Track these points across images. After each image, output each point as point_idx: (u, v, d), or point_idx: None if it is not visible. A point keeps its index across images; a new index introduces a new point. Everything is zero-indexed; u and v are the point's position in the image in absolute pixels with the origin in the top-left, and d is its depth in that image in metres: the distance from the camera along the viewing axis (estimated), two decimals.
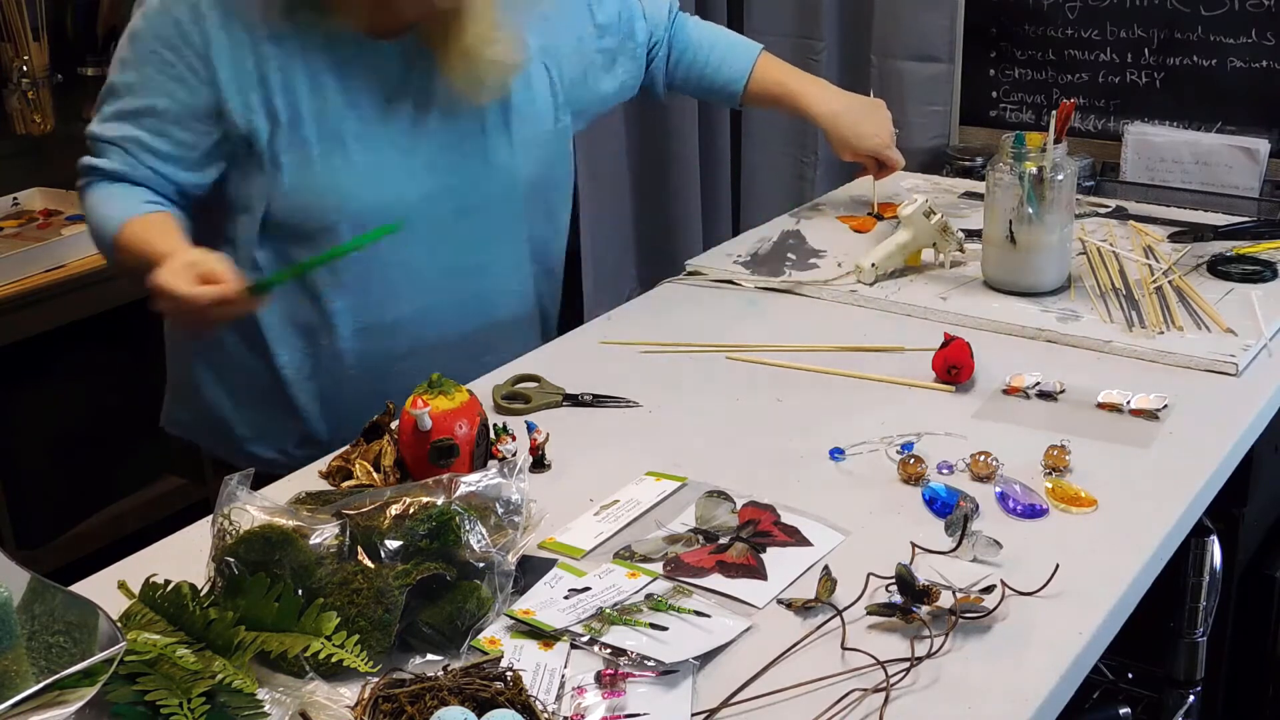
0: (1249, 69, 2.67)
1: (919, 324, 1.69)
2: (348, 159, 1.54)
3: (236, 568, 1.09)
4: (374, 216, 1.51)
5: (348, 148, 1.54)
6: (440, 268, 1.63)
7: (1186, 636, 1.67)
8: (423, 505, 1.15)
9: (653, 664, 1.05)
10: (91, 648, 0.94)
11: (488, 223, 1.65)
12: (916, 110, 2.99)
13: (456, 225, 1.62)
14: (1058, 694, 1.05)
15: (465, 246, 1.64)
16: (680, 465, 1.37)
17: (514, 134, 1.64)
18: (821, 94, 1.96)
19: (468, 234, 1.63)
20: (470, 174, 1.62)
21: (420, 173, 1.58)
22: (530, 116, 1.66)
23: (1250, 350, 1.57)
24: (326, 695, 1.00)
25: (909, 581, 1.11)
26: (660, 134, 3.02)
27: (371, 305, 1.61)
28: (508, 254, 1.70)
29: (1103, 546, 1.21)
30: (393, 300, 1.62)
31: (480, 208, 1.64)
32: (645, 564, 1.20)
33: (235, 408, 1.70)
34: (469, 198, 1.62)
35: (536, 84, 1.67)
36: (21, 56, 2.54)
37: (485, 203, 1.64)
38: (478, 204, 1.63)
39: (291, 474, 1.40)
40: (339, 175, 1.53)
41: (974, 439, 1.39)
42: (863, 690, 1.03)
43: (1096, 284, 1.77)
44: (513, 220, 1.68)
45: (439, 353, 1.63)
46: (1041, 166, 1.69)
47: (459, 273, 1.65)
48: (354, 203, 1.54)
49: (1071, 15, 2.82)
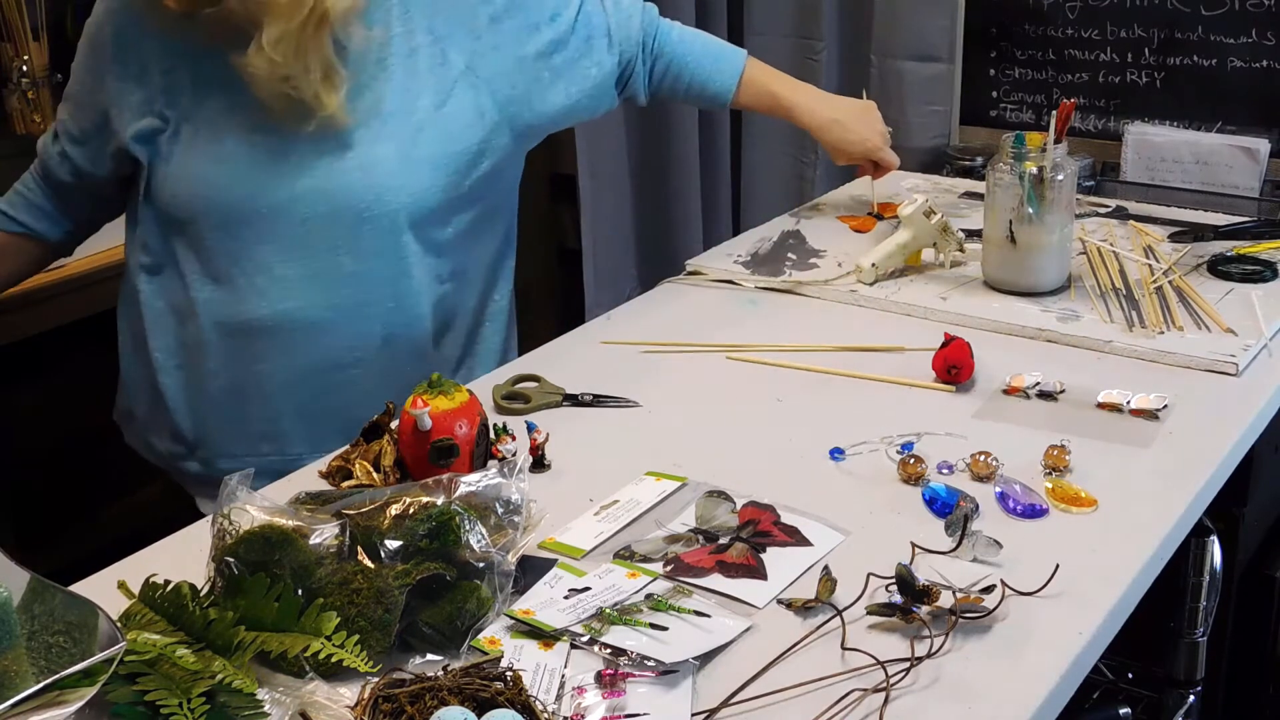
0: (1249, 69, 2.66)
1: (919, 324, 1.69)
2: (219, 155, 1.58)
3: (236, 568, 1.09)
4: (236, 211, 1.58)
5: (223, 144, 1.58)
6: (305, 273, 1.59)
7: (1186, 636, 1.67)
8: (423, 505, 1.15)
9: (653, 664, 1.05)
10: (91, 648, 0.94)
11: (363, 234, 1.59)
12: (916, 110, 2.99)
13: (326, 230, 1.58)
14: (1058, 694, 1.05)
15: (333, 253, 1.60)
16: (680, 465, 1.37)
17: (411, 148, 1.60)
18: (810, 103, 1.96)
19: (338, 242, 1.59)
20: (346, 183, 1.57)
21: (290, 175, 1.57)
22: (440, 135, 1.62)
23: (1250, 350, 1.57)
24: (326, 695, 1.00)
25: (909, 581, 1.11)
26: (660, 134, 3.02)
27: (232, 300, 1.61)
28: (388, 268, 1.62)
29: (1103, 546, 1.21)
30: (254, 298, 1.60)
31: (355, 217, 1.58)
32: (645, 564, 1.20)
33: (134, 394, 1.76)
34: (340, 204, 1.58)
35: (454, 102, 1.63)
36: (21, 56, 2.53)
37: (361, 213, 1.58)
38: (352, 212, 1.58)
39: (291, 474, 1.40)
40: (208, 170, 1.59)
41: (974, 439, 1.39)
42: (863, 690, 1.03)
43: (1096, 284, 1.77)
44: (395, 234, 1.61)
45: (299, 358, 1.61)
46: (1041, 166, 1.69)
47: (326, 280, 1.60)
48: (220, 195, 1.58)
49: (1071, 15, 2.82)
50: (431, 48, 1.62)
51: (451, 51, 1.63)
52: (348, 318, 1.62)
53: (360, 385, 1.64)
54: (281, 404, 1.64)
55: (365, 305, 1.62)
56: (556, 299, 3.35)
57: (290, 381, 1.63)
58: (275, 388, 1.63)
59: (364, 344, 1.63)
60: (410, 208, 1.60)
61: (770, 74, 1.95)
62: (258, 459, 1.62)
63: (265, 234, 1.58)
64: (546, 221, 3.37)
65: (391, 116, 1.60)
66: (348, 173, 1.58)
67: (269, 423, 1.65)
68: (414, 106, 1.61)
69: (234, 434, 1.67)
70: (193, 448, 1.70)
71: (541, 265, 3.31)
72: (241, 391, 1.64)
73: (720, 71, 1.90)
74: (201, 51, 1.57)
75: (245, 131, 1.57)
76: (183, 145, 1.60)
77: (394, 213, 1.59)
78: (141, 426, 1.77)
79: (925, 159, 2.92)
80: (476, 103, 1.65)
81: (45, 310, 2.39)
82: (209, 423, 1.67)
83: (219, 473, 1.67)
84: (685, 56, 1.88)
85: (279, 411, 1.64)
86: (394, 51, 1.60)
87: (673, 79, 1.88)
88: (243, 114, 1.57)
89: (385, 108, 1.59)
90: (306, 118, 1.54)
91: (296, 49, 1.50)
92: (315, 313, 1.60)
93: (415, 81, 1.61)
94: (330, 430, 1.57)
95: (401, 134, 1.60)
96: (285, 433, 1.65)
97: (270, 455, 1.64)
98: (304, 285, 1.60)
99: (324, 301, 1.60)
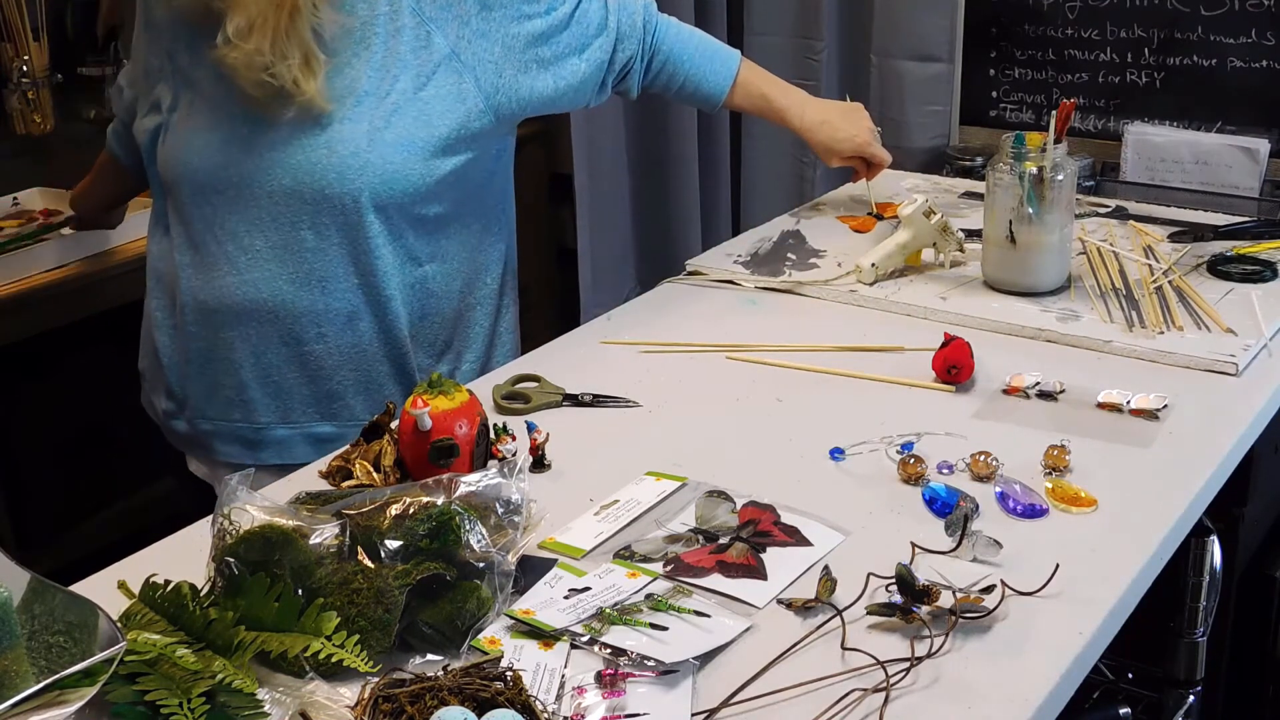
0: (1249, 69, 2.67)
1: (919, 324, 1.69)
2: (202, 123, 1.64)
3: (236, 568, 1.09)
4: (209, 178, 1.63)
5: (213, 114, 1.64)
6: (269, 245, 1.63)
7: (1186, 636, 1.67)
8: (423, 505, 1.15)
9: (653, 664, 1.05)
10: (91, 648, 0.94)
11: (323, 210, 1.61)
12: (916, 110, 2.99)
13: (288, 205, 1.61)
14: (1058, 694, 1.05)
15: (295, 228, 1.62)
16: (680, 465, 1.37)
17: (382, 129, 1.61)
18: (799, 107, 1.97)
19: (300, 217, 1.62)
20: (311, 159, 1.60)
21: (263, 148, 1.61)
22: (416, 117, 1.62)
23: (1250, 350, 1.57)
24: (326, 695, 1.00)
25: (909, 581, 1.11)
26: (660, 134, 3.01)
27: (206, 267, 1.66)
28: (350, 246, 1.64)
29: (1103, 546, 1.21)
30: (224, 267, 1.64)
31: (317, 194, 1.60)
32: (645, 564, 1.20)
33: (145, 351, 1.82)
34: (303, 180, 1.60)
35: (434, 86, 1.63)
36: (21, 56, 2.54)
37: (323, 190, 1.60)
38: (313, 189, 1.60)
39: (291, 474, 1.40)
40: (192, 137, 1.65)
41: (974, 439, 1.39)
42: (863, 690, 1.03)
43: (1096, 284, 1.77)
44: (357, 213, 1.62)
45: (264, 329, 1.65)
46: (1041, 166, 1.69)
47: (289, 254, 1.63)
48: (198, 161, 1.64)
49: (1071, 15, 2.82)
50: (416, 29, 1.62)
51: (437, 35, 1.63)
52: (310, 293, 1.64)
53: (326, 360, 1.66)
54: (247, 374, 1.67)
55: (327, 281, 1.64)
56: (555, 299, 3.35)
57: (255, 352, 1.66)
58: (242, 357, 1.67)
59: (328, 320, 1.65)
60: (375, 187, 1.61)
61: (763, 76, 1.96)
62: (229, 424, 1.70)
63: (235, 204, 1.63)
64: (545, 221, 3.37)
65: (366, 96, 1.61)
66: (314, 149, 1.60)
67: (236, 390, 1.68)
68: (390, 88, 1.62)
69: (210, 397, 1.71)
70: (180, 405, 1.75)
71: (540, 265, 3.31)
72: (213, 357, 1.68)
73: (715, 72, 1.91)
74: (198, 30, 1.61)
75: (234, 105, 1.61)
76: (180, 113, 1.67)
77: (355, 191, 1.61)
78: (149, 386, 1.83)
79: (925, 159, 2.92)
80: (459, 88, 1.65)
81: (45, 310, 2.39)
82: (191, 383, 1.72)
83: (202, 434, 1.72)
84: (682, 55, 1.88)
85: (245, 381, 1.67)
86: (378, 31, 1.61)
87: (667, 77, 1.88)
88: (226, 86, 1.61)
89: (361, 87, 1.61)
90: (287, 103, 1.58)
91: (273, 40, 1.54)
92: (279, 285, 1.63)
93: (395, 62, 1.62)
94: (297, 403, 1.66)
95: (374, 114, 1.61)
96: (252, 401, 1.68)
97: (239, 422, 1.69)
98: (269, 257, 1.63)
99: (286, 274, 1.63)
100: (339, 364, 1.67)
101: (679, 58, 1.88)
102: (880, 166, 2.04)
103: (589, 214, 2.91)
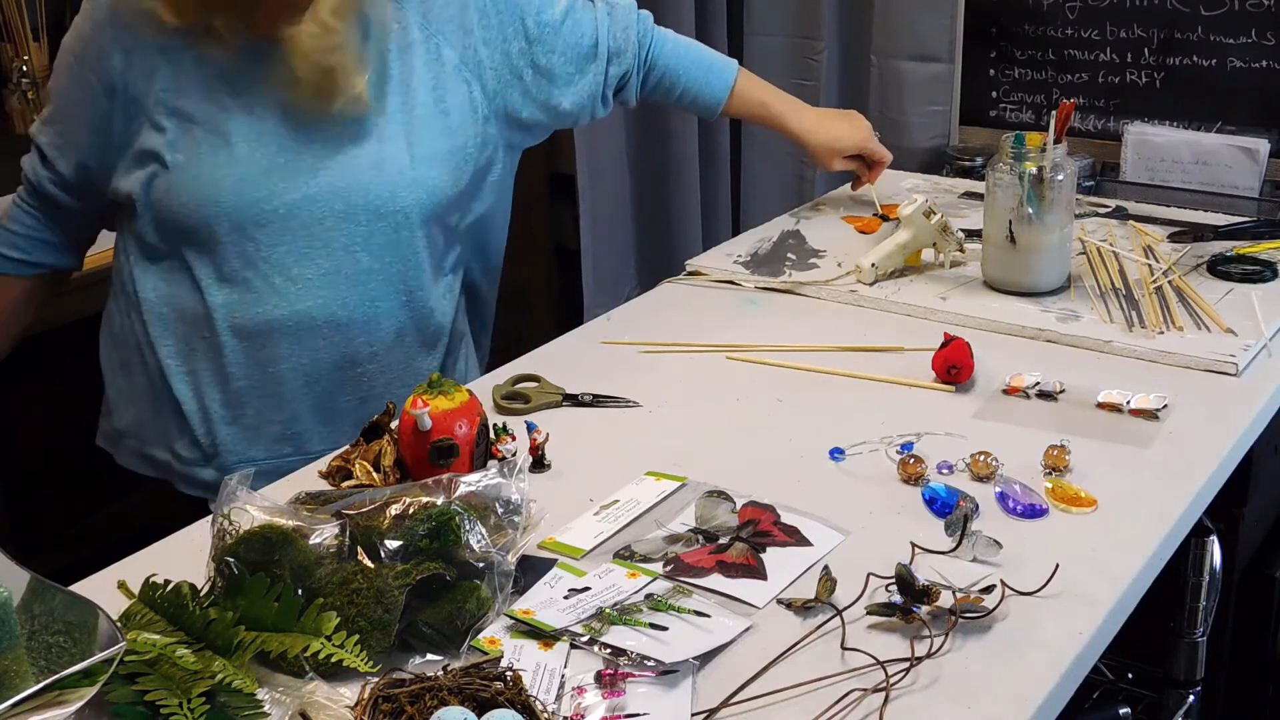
0: (1249, 69, 2.66)
1: (919, 324, 1.69)
2: (231, 157, 1.57)
3: (236, 568, 1.09)
4: (251, 214, 1.57)
5: (233, 147, 1.57)
6: (322, 272, 1.60)
7: (1186, 636, 1.67)
8: (423, 505, 1.15)
9: (653, 664, 1.05)
10: (91, 648, 0.94)
11: (378, 230, 1.61)
12: (916, 110, 2.99)
13: (341, 229, 1.59)
14: (1058, 694, 1.05)
15: (349, 252, 1.61)
16: (680, 465, 1.37)
17: (416, 145, 1.62)
18: (797, 112, 2.00)
19: (355, 240, 1.60)
20: (360, 181, 1.59)
21: (304, 175, 1.58)
22: (442, 130, 1.64)
23: (1250, 350, 1.57)
24: (326, 695, 1.00)
25: (909, 581, 1.11)
26: (660, 134, 3.02)
27: (249, 302, 1.61)
28: (401, 264, 1.64)
29: (1103, 546, 1.21)
30: (271, 299, 1.60)
31: (372, 215, 1.60)
32: (645, 564, 1.20)
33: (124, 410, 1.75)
34: (356, 202, 1.59)
35: (451, 97, 1.65)
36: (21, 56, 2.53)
37: (378, 210, 1.60)
38: (367, 210, 1.60)
39: (290, 474, 1.40)
40: (219, 175, 1.57)
41: (974, 439, 1.39)
42: (863, 690, 1.03)
43: (1096, 284, 1.77)
44: (409, 230, 1.63)
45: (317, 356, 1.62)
46: (1041, 166, 1.69)
47: (343, 278, 1.61)
48: (234, 199, 1.57)
49: (1071, 15, 2.82)
50: (425, 43, 1.64)
51: (444, 47, 1.65)
52: (364, 314, 1.63)
53: (376, 380, 1.66)
54: (300, 404, 1.64)
55: (379, 300, 1.64)
56: (555, 299, 3.34)
57: (309, 381, 1.63)
58: (294, 388, 1.63)
59: (379, 339, 1.65)
60: (423, 203, 1.63)
61: (759, 85, 1.99)
62: (279, 460, 1.63)
63: (281, 235, 1.58)
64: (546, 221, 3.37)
65: (395, 113, 1.61)
66: (361, 170, 1.59)
67: (288, 424, 1.65)
68: (414, 102, 1.63)
69: (253, 437, 1.66)
70: (210, 454, 1.68)
71: (541, 265, 3.31)
72: (262, 393, 1.64)
73: (711, 83, 1.93)
74: (202, 56, 1.58)
75: (254, 134, 1.58)
76: (185, 155, 1.58)
77: (407, 209, 1.61)
78: (136, 442, 1.75)
79: (925, 159, 2.92)
80: (470, 96, 1.67)
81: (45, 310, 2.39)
82: (228, 427, 1.66)
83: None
84: (678, 68, 1.90)
85: (298, 412, 1.65)
86: (390, 48, 1.62)
87: (665, 89, 1.91)
88: (249, 115, 1.58)
89: (389, 104, 1.61)
90: (334, 96, 1.55)
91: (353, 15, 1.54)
92: (333, 311, 1.61)
93: (412, 77, 1.63)
94: (347, 427, 1.60)
95: (407, 130, 1.62)
96: (304, 433, 1.66)
97: (290, 456, 1.64)
98: (321, 284, 1.61)
99: (341, 299, 1.61)
100: (390, 382, 1.66)
101: (676, 70, 1.90)
102: (881, 165, 2.05)
103: (590, 214, 2.91)
